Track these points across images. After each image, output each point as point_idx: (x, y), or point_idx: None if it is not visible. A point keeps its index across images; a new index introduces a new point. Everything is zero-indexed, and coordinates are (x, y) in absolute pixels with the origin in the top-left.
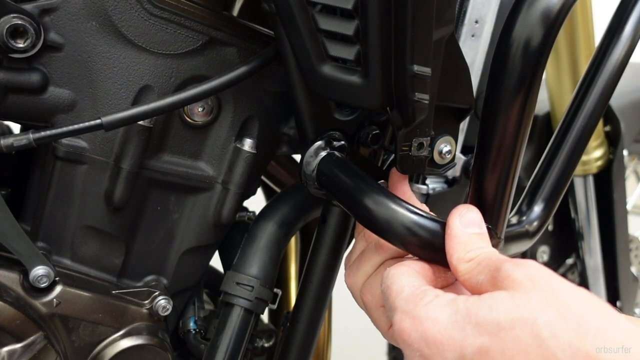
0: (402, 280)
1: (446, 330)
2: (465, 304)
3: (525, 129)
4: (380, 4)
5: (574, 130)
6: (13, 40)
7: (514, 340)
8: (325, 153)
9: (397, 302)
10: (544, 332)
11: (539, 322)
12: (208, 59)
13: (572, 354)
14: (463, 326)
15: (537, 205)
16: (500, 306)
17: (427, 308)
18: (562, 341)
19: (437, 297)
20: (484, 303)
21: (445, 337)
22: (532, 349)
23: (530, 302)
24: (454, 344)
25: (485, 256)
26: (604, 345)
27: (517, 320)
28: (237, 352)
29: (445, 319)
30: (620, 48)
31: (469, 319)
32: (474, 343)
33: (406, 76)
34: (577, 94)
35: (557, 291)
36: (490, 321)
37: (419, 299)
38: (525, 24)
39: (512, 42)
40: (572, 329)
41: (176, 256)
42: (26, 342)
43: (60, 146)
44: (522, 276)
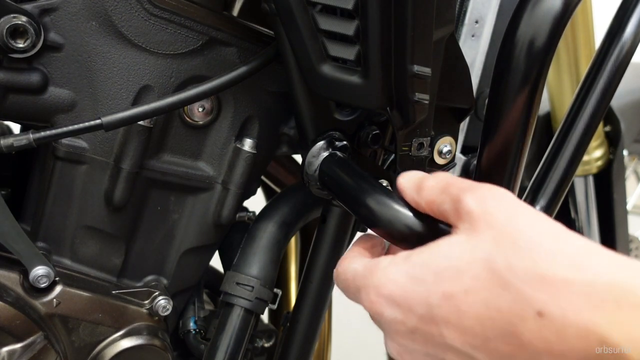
0: (353, 265)
1: (408, 286)
2: (420, 257)
3: (529, 128)
4: (380, 4)
5: (575, 131)
6: (13, 40)
7: (473, 280)
8: (327, 153)
9: (358, 283)
10: (499, 266)
11: (494, 258)
12: (208, 59)
13: (528, 280)
14: (423, 278)
15: (538, 206)
16: (456, 251)
17: (385, 272)
18: (517, 269)
19: (391, 260)
20: (441, 251)
21: (410, 293)
22: (492, 283)
23: (486, 240)
24: (420, 297)
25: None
26: (556, 264)
27: (474, 261)
28: (237, 352)
29: (404, 276)
30: (621, 49)
31: (427, 269)
32: (437, 291)
33: (406, 76)
34: (579, 94)
35: (513, 221)
36: (448, 267)
37: (375, 269)
38: (529, 24)
39: (517, 42)
40: (526, 256)
41: (176, 256)
42: (26, 342)
43: (60, 146)
44: (480, 212)
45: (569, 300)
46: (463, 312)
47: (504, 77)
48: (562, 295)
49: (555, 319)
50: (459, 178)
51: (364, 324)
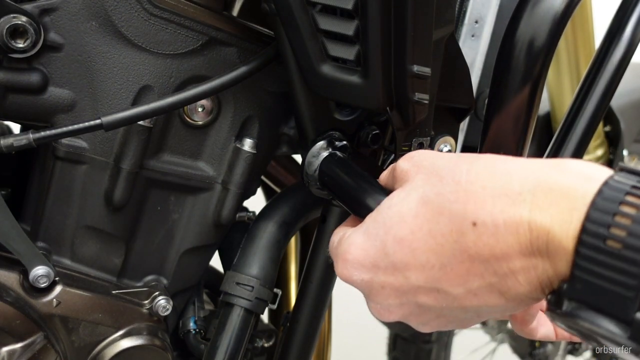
0: (333, 237)
1: (365, 244)
2: (370, 218)
3: (529, 128)
4: (380, 4)
5: (575, 130)
6: (13, 40)
7: (415, 218)
8: (327, 153)
9: (333, 254)
10: (431, 197)
11: (426, 193)
12: (208, 59)
13: (455, 198)
14: (375, 233)
15: None
16: (397, 201)
17: (347, 239)
18: (445, 193)
19: (354, 229)
20: (383, 206)
21: (368, 249)
22: (429, 214)
23: (417, 183)
24: (377, 250)
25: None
26: (475, 178)
27: (412, 202)
28: (237, 352)
29: (360, 237)
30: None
31: (377, 224)
32: (389, 239)
33: (406, 76)
34: (579, 94)
35: (435, 162)
36: (393, 216)
37: (342, 238)
38: (529, 24)
39: (517, 42)
40: (450, 181)
41: (176, 256)
42: (26, 342)
43: (60, 146)
44: (409, 166)
45: (493, 203)
46: (416, 249)
47: (503, 76)
48: (486, 202)
49: (487, 223)
50: None
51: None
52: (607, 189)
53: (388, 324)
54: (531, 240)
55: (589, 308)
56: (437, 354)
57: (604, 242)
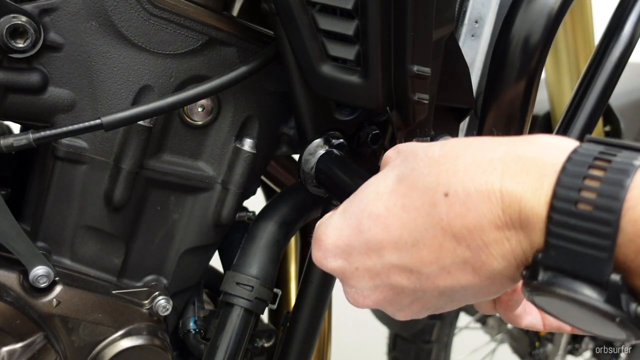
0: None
1: (341, 224)
2: (347, 200)
3: (525, 125)
4: (380, 4)
5: (573, 129)
6: (13, 40)
7: (389, 194)
8: (324, 151)
9: (315, 237)
10: (406, 174)
11: (402, 170)
12: (208, 59)
13: (428, 172)
14: (351, 212)
15: None
16: (373, 181)
17: (323, 222)
18: (418, 168)
19: (330, 212)
20: (361, 187)
21: (344, 230)
22: (403, 190)
23: (394, 164)
24: (353, 229)
25: None
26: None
27: (387, 179)
28: (237, 352)
29: (336, 218)
30: (620, 47)
31: (352, 204)
32: (364, 217)
33: (406, 76)
34: (577, 93)
35: (414, 146)
36: (368, 193)
37: (319, 223)
38: (525, 20)
39: (512, 39)
40: (423, 157)
41: (176, 256)
42: (26, 342)
43: (60, 146)
44: (392, 153)
45: (464, 172)
46: (389, 225)
47: (499, 73)
48: (457, 172)
49: (458, 192)
50: None
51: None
52: (576, 155)
53: (388, 323)
54: (503, 208)
55: (565, 275)
56: (437, 354)
57: (575, 205)
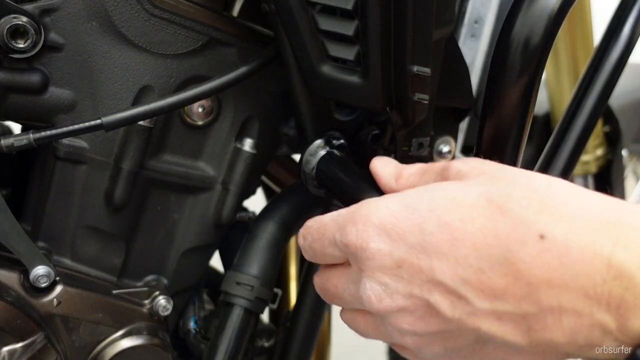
0: (328, 214)
1: (400, 213)
2: (414, 191)
3: (525, 127)
4: (380, 5)
5: (573, 129)
6: (13, 40)
7: (470, 208)
8: (325, 152)
9: (341, 221)
10: (497, 195)
11: (492, 191)
12: (208, 59)
13: (527, 204)
14: (417, 206)
15: None
16: (451, 186)
17: (377, 203)
18: (515, 196)
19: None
20: (435, 187)
21: (402, 220)
22: (490, 210)
23: (480, 180)
24: (412, 224)
25: (426, 166)
26: (554, 192)
27: (471, 194)
28: (237, 352)
29: (397, 204)
30: (619, 48)
31: (421, 199)
32: (431, 217)
33: (406, 76)
34: (577, 93)
35: (502, 170)
36: (444, 196)
37: (363, 204)
38: (525, 22)
39: (512, 40)
40: (523, 186)
41: (176, 256)
42: (26, 341)
43: (60, 146)
44: (469, 168)
45: (571, 222)
46: (457, 240)
47: (499, 75)
48: (563, 218)
49: (558, 241)
50: None
51: None
52: None
53: None
54: (605, 279)
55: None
56: None
57: None
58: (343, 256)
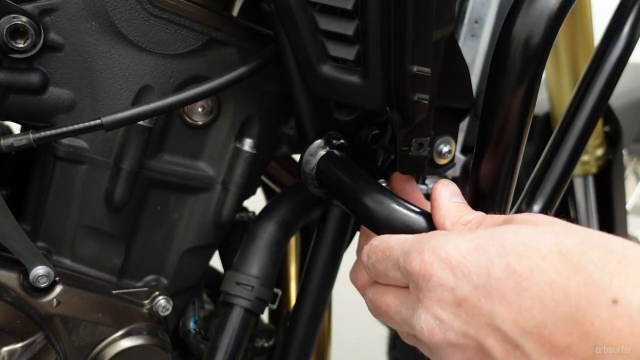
0: (396, 236)
1: (469, 253)
2: (486, 230)
3: (525, 127)
4: (380, 4)
5: (573, 129)
6: (13, 40)
7: (542, 259)
8: (325, 152)
9: (407, 246)
10: (572, 251)
11: (566, 243)
12: (208, 59)
13: (604, 265)
14: (487, 249)
15: (536, 205)
16: (524, 231)
17: (447, 236)
18: (591, 254)
19: (451, 231)
20: (507, 229)
21: (469, 259)
22: (562, 264)
23: (553, 230)
24: (480, 266)
25: (484, 218)
26: (635, 256)
27: (544, 242)
28: (237, 352)
29: (467, 243)
30: (619, 48)
31: (492, 241)
32: (500, 263)
33: (406, 76)
34: (577, 93)
35: (573, 227)
36: (516, 242)
37: (433, 234)
38: (525, 22)
39: (512, 40)
40: (600, 245)
41: (176, 256)
42: (26, 341)
43: (60, 146)
44: (537, 217)
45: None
46: (524, 289)
47: (499, 75)
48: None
49: (632, 308)
50: None
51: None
52: None
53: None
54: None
55: None
56: None
57: None
58: (404, 281)
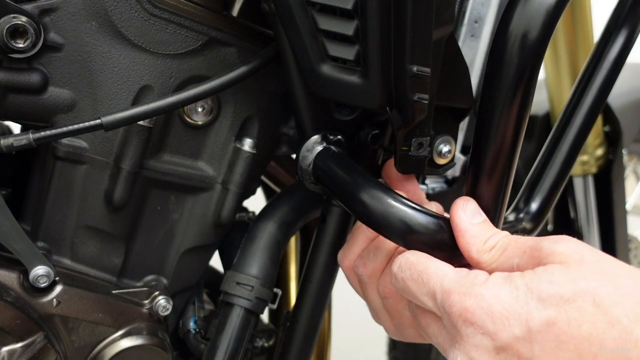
0: (436, 264)
1: (510, 305)
2: (523, 280)
3: (523, 123)
4: (380, 4)
5: (571, 127)
6: (13, 40)
7: (578, 311)
8: (322, 147)
9: (447, 285)
10: (606, 302)
11: (599, 292)
12: (208, 59)
13: (635, 319)
14: (526, 301)
15: (534, 202)
16: (559, 279)
17: (487, 286)
18: (625, 308)
19: (490, 277)
20: (542, 278)
21: (510, 312)
22: (597, 317)
23: (585, 274)
24: (520, 318)
25: (508, 241)
26: None
27: (578, 292)
28: (237, 352)
29: (507, 295)
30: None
31: (530, 294)
32: (540, 316)
33: (406, 76)
34: (575, 91)
35: (603, 264)
36: (553, 295)
37: (472, 278)
38: (522, 17)
39: (510, 36)
40: (630, 296)
41: (176, 256)
42: (26, 341)
43: (60, 146)
44: (566, 250)
45: None
46: (562, 342)
47: (496, 71)
48: None
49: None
50: None
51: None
52: None
53: None
54: None
55: None
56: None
57: None
58: (434, 309)
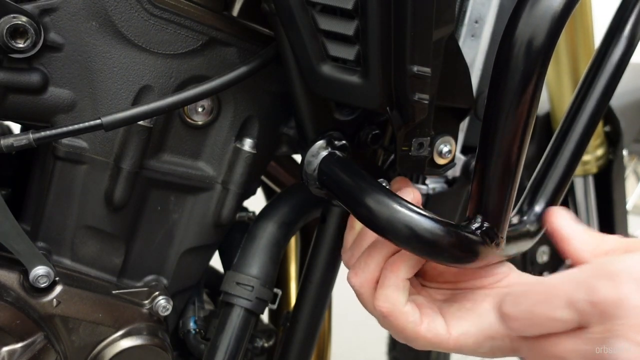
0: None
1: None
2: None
3: (529, 128)
4: (380, 4)
5: (575, 130)
6: (13, 40)
7: None
8: (327, 152)
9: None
10: None
11: None
12: (208, 59)
13: None
14: None
15: (538, 205)
16: None
17: (632, 259)
18: None
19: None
20: None
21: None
22: None
23: None
24: None
25: (627, 243)
26: None
27: None
28: (237, 352)
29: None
30: (620, 49)
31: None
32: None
33: (406, 76)
34: (578, 94)
35: None
36: None
37: (607, 261)
38: (528, 23)
39: (515, 41)
40: None
41: (176, 256)
42: (26, 342)
43: (60, 146)
44: None
45: None
46: None
47: (502, 76)
48: None
49: None
50: None
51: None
52: None
53: None
54: None
55: None
56: (436, 354)
57: None
58: (575, 320)
